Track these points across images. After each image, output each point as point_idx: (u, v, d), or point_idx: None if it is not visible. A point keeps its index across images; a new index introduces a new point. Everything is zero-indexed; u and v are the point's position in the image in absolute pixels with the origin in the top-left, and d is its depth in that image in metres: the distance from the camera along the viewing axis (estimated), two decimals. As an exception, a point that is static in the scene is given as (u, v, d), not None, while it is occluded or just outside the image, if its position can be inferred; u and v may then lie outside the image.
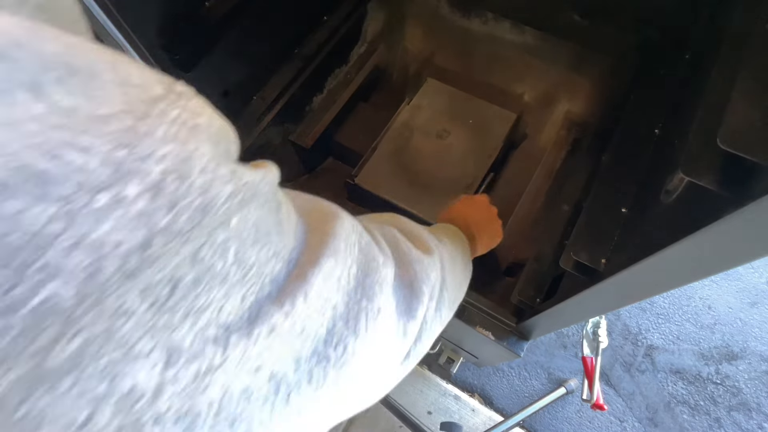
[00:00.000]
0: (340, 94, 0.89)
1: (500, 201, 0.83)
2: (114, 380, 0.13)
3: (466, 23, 0.91)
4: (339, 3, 0.89)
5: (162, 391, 0.14)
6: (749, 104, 0.28)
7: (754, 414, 1.08)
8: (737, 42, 0.39)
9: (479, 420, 1.07)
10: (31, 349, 0.11)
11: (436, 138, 0.85)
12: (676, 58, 0.60)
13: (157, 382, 0.14)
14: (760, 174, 0.26)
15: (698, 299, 1.20)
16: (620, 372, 1.13)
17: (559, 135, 0.83)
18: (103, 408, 0.13)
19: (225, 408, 0.16)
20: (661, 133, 0.53)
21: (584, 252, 0.46)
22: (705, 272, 0.29)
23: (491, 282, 0.73)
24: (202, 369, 0.15)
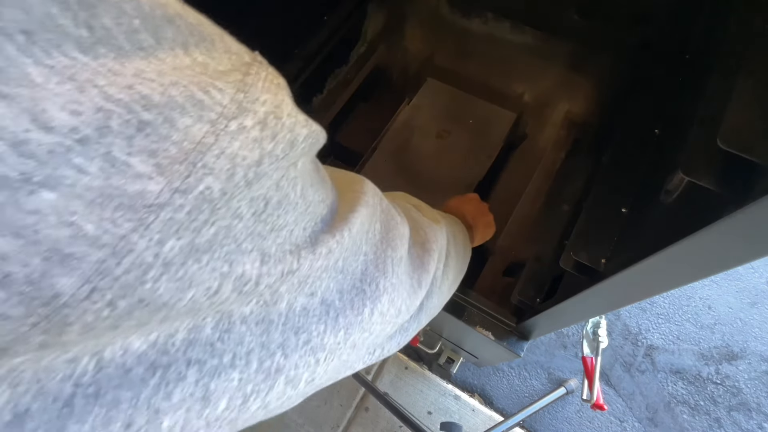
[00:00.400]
0: (340, 94, 0.89)
1: (500, 201, 0.83)
2: (232, 265, 0.17)
3: (466, 23, 0.91)
4: (339, 3, 0.89)
5: (260, 282, 0.18)
6: (749, 104, 0.28)
7: (754, 414, 1.08)
8: (737, 42, 0.39)
9: (479, 420, 1.07)
10: (192, 225, 0.15)
11: (436, 138, 0.85)
12: (676, 58, 0.60)
13: (257, 273, 0.18)
14: (760, 174, 0.26)
15: (698, 299, 1.20)
16: (620, 372, 1.13)
17: (559, 135, 0.83)
18: (227, 284, 0.17)
19: (290, 319, 0.21)
20: (661, 133, 0.53)
21: (584, 252, 0.46)
22: (705, 272, 0.29)
23: (491, 282, 0.73)
24: (285, 270, 0.19)
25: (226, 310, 0.19)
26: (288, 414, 1.09)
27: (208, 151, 0.14)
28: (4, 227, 0.12)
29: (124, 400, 0.17)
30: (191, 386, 0.18)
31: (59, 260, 0.13)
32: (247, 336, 0.20)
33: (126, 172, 0.13)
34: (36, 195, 0.12)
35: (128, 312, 0.15)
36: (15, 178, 0.12)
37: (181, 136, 0.14)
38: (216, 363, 0.19)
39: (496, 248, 0.75)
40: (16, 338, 0.13)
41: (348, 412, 1.09)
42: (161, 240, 0.14)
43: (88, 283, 0.13)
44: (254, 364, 0.20)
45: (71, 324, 0.14)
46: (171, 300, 0.15)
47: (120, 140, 0.13)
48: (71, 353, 0.15)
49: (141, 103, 0.13)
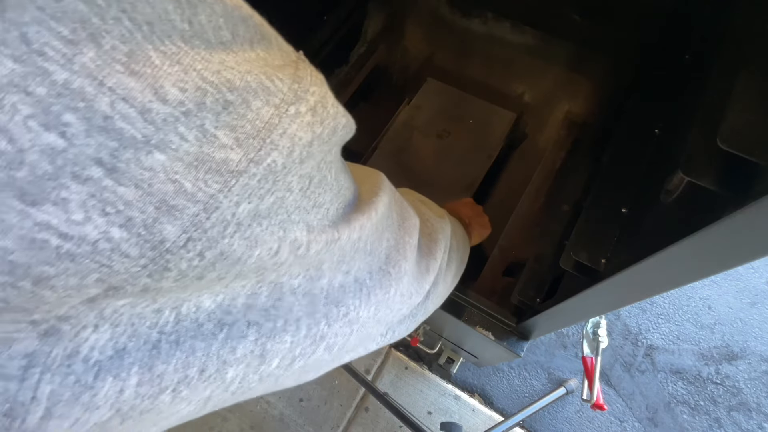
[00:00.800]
0: (340, 94, 0.89)
1: (500, 201, 0.83)
2: (286, 231, 0.20)
3: (466, 23, 0.91)
4: (339, 3, 0.89)
5: (310, 247, 0.21)
6: (749, 104, 0.28)
7: (754, 414, 1.08)
8: (738, 42, 0.39)
9: (479, 420, 1.07)
10: (260, 192, 0.17)
11: (436, 138, 0.85)
12: (676, 58, 0.60)
13: (307, 240, 0.21)
14: (760, 174, 0.26)
15: (698, 299, 1.20)
16: (620, 372, 1.13)
17: (559, 135, 0.83)
18: (284, 246, 0.20)
19: (331, 294, 0.25)
20: (661, 133, 0.53)
21: (584, 252, 0.46)
22: (705, 272, 0.29)
23: (491, 282, 0.73)
24: (328, 239, 0.22)
25: (277, 282, 0.22)
26: (288, 414, 1.09)
27: (274, 129, 0.17)
28: (129, 179, 0.14)
29: (198, 349, 0.20)
30: (251, 344, 0.21)
31: (167, 210, 0.15)
32: (295, 305, 0.23)
33: (214, 142, 0.16)
34: (151, 155, 0.15)
35: (212, 263, 0.17)
36: (139, 139, 0.14)
37: (254, 115, 0.17)
38: (271, 326, 0.22)
39: (496, 248, 0.75)
40: (128, 278, 0.16)
41: (348, 412, 1.09)
42: (238, 202, 0.17)
43: (185, 233, 0.16)
44: (303, 330, 0.24)
45: (170, 270, 0.16)
46: (243, 256, 0.18)
47: (211, 115, 0.16)
48: (157, 304, 0.18)
49: (226, 85, 0.16)
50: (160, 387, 0.19)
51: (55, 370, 0.16)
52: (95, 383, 0.17)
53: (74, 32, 0.13)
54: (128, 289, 0.16)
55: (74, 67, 0.13)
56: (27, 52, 0.12)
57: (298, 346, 0.24)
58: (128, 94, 0.14)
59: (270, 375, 0.24)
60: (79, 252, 0.14)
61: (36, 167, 0.13)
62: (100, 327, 0.17)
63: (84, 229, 0.14)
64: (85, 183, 0.14)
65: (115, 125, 0.14)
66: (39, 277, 0.14)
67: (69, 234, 0.14)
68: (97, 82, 0.13)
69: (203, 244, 0.17)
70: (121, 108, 0.14)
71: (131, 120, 0.14)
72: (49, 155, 0.13)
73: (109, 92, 0.14)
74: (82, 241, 0.14)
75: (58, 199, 0.14)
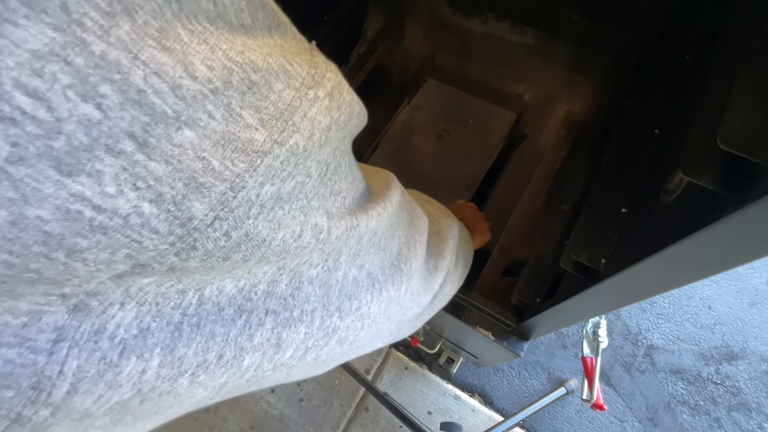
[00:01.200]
0: (340, 94, 0.89)
1: (500, 201, 0.83)
2: (307, 216, 0.20)
3: (466, 23, 0.91)
4: (339, 3, 0.89)
5: (331, 232, 0.21)
6: (749, 104, 0.28)
7: (754, 414, 1.08)
8: (737, 42, 0.39)
9: (479, 420, 1.07)
10: (282, 174, 0.17)
11: (436, 138, 0.85)
12: (676, 58, 0.60)
13: (328, 225, 0.21)
14: (760, 174, 0.26)
15: (698, 299, 1.20)
16: (620, 372, 1.13)
17: (559, 135, 0.83)
18: (306, 230, 0.20)
19: (345, 287, 0.25)
20: (661, 133, 0.53)
21: (584, 252, 0.46)
22: (705, 272, 0.29)
23: (491, 282, 0.73)
24: (348, 225, 0.22)
25: (297, 270, 0.22)
26: (288, 414, 1.09)
27: (295, 112, 0.17)
28: (159, 155, 0.14)
29: (218, 335, 0.20)
30: (268, 332, 0.22)
31: (195, 187, 0.15)
32: (312, 296, 0.23)
33: (239, 122, 0.16)
34: (181, 131, 0.15)
35: (237, 244, 0.17)
36: (170, 114, 0.14)
37: (277, 97, 0.17)
38: (288, 315, 0.22)
39: (496, 248, 0.75)
40: (156, 255, 0.16)
41: (348, 412, 1.09)
42: (262, 182, 0.17)
43: (213, 211, 0.16)
44: (317, 321, 0.24)
45: (196, 249, 0.17)
46: (268, 238, 0.18)
47: (237, 95, 0.16)
48: (182, 285, 0.18)
49: (251, 66, 0.16)
50: (180, 370, 0.19)
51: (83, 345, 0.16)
52: (120, 361, 0.17)
53: (110, 5, 0.13)
54: (155, 267, 0.16)
55: (111, 39, 0.13)
56: (67, 22, 0.12)
57: (312, 338, 0.24)
58: (161, 69, 0.14)
59: (283, 365, 0.24)
60: (111, 225, 0.14)
61: (72, 138, 0.13)
62: (126, 305, 0.17)
63: (117, 202, 0.14)
64: (118, 156, 0.14)
65: (148, 99, 0.14)
66: (72, 248, 0.14)
67: (102, 206, 0.14)
68: (132, 55, 0.14)
69: (229, 224, 0.17)
70: (154, 82, 0.14)
71: (163, 95, 0.14)
72: (86, 126, 0.13)
73: (143, 66, 0.14)
74: (114, 215, 0.14)
75: (92, 171, 0.14)
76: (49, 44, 0.12)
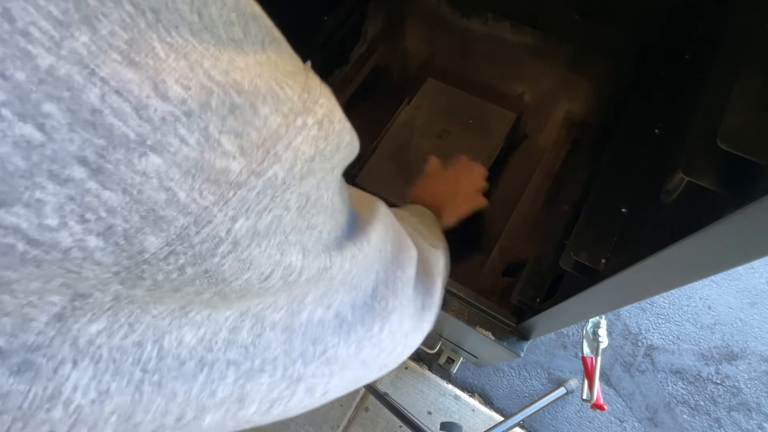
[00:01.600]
0: (340, 94, 0.89)
1: (500, 201, 0.83)
2: (282, 255, 0.18)
3: (466, 23, 0.91)
4: (339, 3, 0.89)
5: (302, 273, 0.20)
6: (749, 104, 0.28)
7: (754, 414, 1.08)
8: (737, 42, 0.39)
9: (479, 420, 1.07)
10: (257, 208, 0.16)
11: (436, 138, 0.85)
12: (676, 58, 0.60)
13: (301, 265, 0.19)
14: (760, 174, 0.26)
15: (698, 299, 1.20)
16: (620, 372, 1.13)
17: (559, 135, 0.83)
18: (277, 271, 0.18)
19: (309, 329, 0.23)
20: (661, 133, 0.53)
21: (584, 252, 0.46)
22: (705, 272, 0.29)
23: (491, 282, 0.73)
24: (321, 267, 0.21)
25: (260, 315, 0.20)
26: (288, 414, 1.09)
27: (279, 141, 0.16)
28: (116, 183, 0.13)
29: (179, 394, 0.18)
30: (230, 386, 0.20)
31: (153, 221, 0.14)
32: (273, 342, 0.21)
33: (216, 149, 0.14)
34: (146, 157, 0.13)
35: (192, 279, 0.16)
36: (133, 138, 0.13)
37: (262, 123, 0.15)
38: (249, 366, 0.20)
39: (496, 248, 0.75)
40: (97, 284, 0.14)
41: (348, 412, 1.09)
42: (234, 217, 0.15)
43: (169, 246, 0.14)
44: (279, 370, 0.22)
45: (144, 279, 0.15)
46: (230, 278, 0.17)
47: (216, 118, 0.14)
48: (137, 335, 0.16)
49: (234, 87, 0.15)
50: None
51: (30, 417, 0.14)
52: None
53: (66, 12, 0.11)
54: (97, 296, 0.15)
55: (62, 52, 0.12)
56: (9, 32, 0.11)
57: (276, 388, 0.22)
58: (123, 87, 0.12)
59: (248, 421, 0.22)
60: (47, 258, 0.13)
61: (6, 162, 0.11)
62: (80, 362, 0.15)
63: (57, 235, 0.13)
64: (64, 184, 0.12)
65: (105, 121, 0.12)
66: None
67: (39, 240, 0.13)
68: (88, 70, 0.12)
69: (187, 259, 0.15)
70: (113, 101, 0.12)
71: (124, 116, 0.13)
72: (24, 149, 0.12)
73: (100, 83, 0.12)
74: (52, 249, 0.13)
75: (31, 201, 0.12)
76: None
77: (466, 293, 0.67)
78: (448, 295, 0.68)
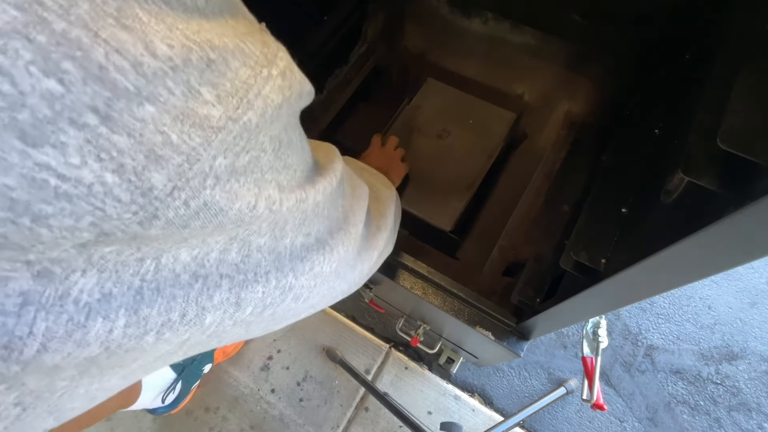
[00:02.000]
0: (340, 94, 0.89)
1: (500, 201, 0.83)
2: (260, 189, 0.21)
3: (466, 23, 0.91)
4: (339, 3, 0.89)
5: (282, 203, 0.23)
6: (749, 104, 0.28)
7: (754, 414, 1.08)
8: (737, 42, 0.39)
9: (479, 420, 1.07)
10: (235, 149, 0.19)
11: (436, 138, 0.85)
12: (676, 58, 0.60)
13: (279, 197, 0.22)
14: (760, 174, 0.26)
15: (698, 299, 1.20)
16: (620, 372, 1.13)
17: (559, 135, 0.83)
18: (261, 201, 0.21)
19: (294, 251, 0.27)
20: (661, 133, 0.53)
21: (584, 252, 0.46)
22: (705, 272, 0.29)
23: (491, 282, 0.73)
24: (298, 198, 0.24)
25: (246, 239, 0.23)
26: (288, 414, 1.09)
27: (250, 90, 0.18)
28: (122, 128, 0.15)
29: (178, 296, 0.21)
30: (226, 292, 0.23)
31: (155, 159, 0.16)
32: (262, 261, 0.25)
33: (198, 98, 0.17)
34: (143, 106, 0.15)
35: (196, 213, 0.19)
36: (132, 90, 0.15)
37: (233, 74, 0.18)
38: (242, 278, 0.24)
39: (496, 248, 0.75)
40: (119, 224, 0.17)
41: (348, 412, 1.09)
42: (215, 155, 0.18)
43: (171, 181, 0.17)
44: (273, 281, 0.26)
45: (158, 218, 0.18)
46: (225, 207, 0.20)
47: (196, 72, 0.16)
48: (141, 253, 0.19)
49: (208, 44, 0.17)
50: (146, 328, 0.21)
51: (49, 308, 0.17)
52: (87, 322, 0.18)
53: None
54: (119, 235, 0.17)
55: (71, 18, 0.14)
56: (28, 1, 0.13)
57: (269, 296, 0.26)
58: (121, 47, 0.15)
59: (243, 321, 0.26)
60: (75, 193, 0.15)
61: (36, 111, 0.14)
62: (88, 272, 0.18)
63: (80, 172, 0.15)
64: (82, 129, 0.15)
65: (110, 76, 0.15)
66: (38, 214, 0.15)
67: (67, 175, 0.15)
68: (93, 33, 0.14)
69: (187, 194, 0.18)
70: (115, 59, 0.15)
71: (124, 71, 0.15)
72: (49, 100, 0.14)
73: (103, 43, 0.14)
74: (78, 183, 0.15)
75: (57, 143, 0.14)
76: (11, 23, 0.13)
77: (466, 293, 0.67)
78: (448, 295, 0.68)
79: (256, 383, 1.12)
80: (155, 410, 1.02)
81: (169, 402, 1.02)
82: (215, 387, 1.11)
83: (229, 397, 1.10)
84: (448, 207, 0.78)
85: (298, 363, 1.14)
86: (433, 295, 0.68)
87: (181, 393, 1.04)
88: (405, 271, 0.70)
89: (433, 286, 0.69)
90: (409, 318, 0.92)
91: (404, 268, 0.70)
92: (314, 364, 1.14)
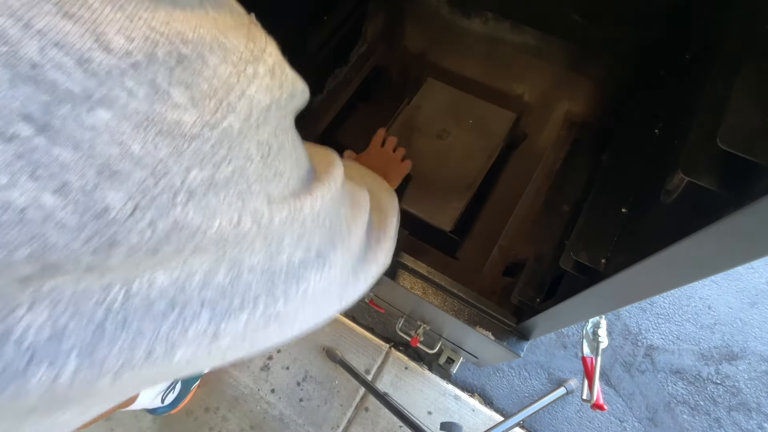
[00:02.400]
0: (340, 94, 0.89)
1: (500, 201, 0.83)
2: (245, 202, 0.18)
3: (467, 23, 0.91)
4: (339, 3, 0.89)
5: (273, 217, 0.20)
6: (749, 104, 0.28)
7: (754, 414, 1.08)
8: (737, 42, 0.39)
9: (479, 420, 1.07)
10: (213, 159, 0.16)
11: (436, 138, 0.85)
12: (676, 58, 0.60)
13: (268, 211, 0.20)
14: (760, 174, 0.26)
15: (698, 299, 1.20)
16: (620, 372, 1.13)
17: (559, 135, 0.83)
18: (245, 217, 0.18)
19: (291, 270, 0.23)
20: (661, 133, 0.53)
21: (584, 252, 0.46)
22: (705, 272, 0.29)
23: (491, 282, 0.73)
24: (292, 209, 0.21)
25: (237, 258, 0.20)
26: (288, 414, 1.09)
27: (231, 90, 0.16)
28: (66, 139, 0.13)
29: (147, 331, 0.18)
30: (204, 324, 0.20)
31: (109, 175, 0.14)
32: (253, 284, 0.21)
33: (166, 100, 0.14)
34: (94, 112, 0.13)
35: (166, 235, 0.16)
36: (78, 93, 0.13)
37: (211, 73, 0.15)
38: (226, 305, 0.21)
39: (496, 248, 0.75)
40: (68, 254, 0.14)
41: (348, 412, 1.09)
42: (188, 167, 0.15)
43: (132, 200, 0.14)
44: (260, 308, 0.22)
45: (119, 244, 0.15)
46: (202, 226, 0.17)
47: (163, 70, 0.14)
48: (106, 279, 0.16)
49: (179, 37, 0.14)
50: (101, 371, 0.17)
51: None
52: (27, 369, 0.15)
53: None
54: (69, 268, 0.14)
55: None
56: None
57: (251, 325, 0.23)
58: (63, 40, 0.12)
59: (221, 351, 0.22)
60: (2, 220, 0.12)
61: None
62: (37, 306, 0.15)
63: (8, 194, 0.12)
64: (10, 141, 0.12)
65: (47, 75, 0.12)
66: None
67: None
68: (23, 23, 0.12)
69: (153, 213, 0.15)
70: (53, 55, 0.12)
71: (67, 70, 0.12)
72: None
73: (38, 36, 0.12)
74: (6, 208, 0.12)
75: None
76: None
77: (466, 293, 0.67)
78: (448, 295, 0.68)
79: (256, 383, 1.12)
80: (155, 410, 1.02)
81: (169, 402, 1.02)
82: (215, 387, 1.11)
83: (229, 397, 1.10)
84: (448, 207, 0.78)
85: (298, 363, 1.14)
86: (433, 295, 0.68)
87: (181, 393, 1.04)
88: (405, 271, 0.70)
89: (433, 286, 0.69)
90: (409, 318, 0.92)
91: (404, 268, 0.70)
92: (314, 364, 1.14)
